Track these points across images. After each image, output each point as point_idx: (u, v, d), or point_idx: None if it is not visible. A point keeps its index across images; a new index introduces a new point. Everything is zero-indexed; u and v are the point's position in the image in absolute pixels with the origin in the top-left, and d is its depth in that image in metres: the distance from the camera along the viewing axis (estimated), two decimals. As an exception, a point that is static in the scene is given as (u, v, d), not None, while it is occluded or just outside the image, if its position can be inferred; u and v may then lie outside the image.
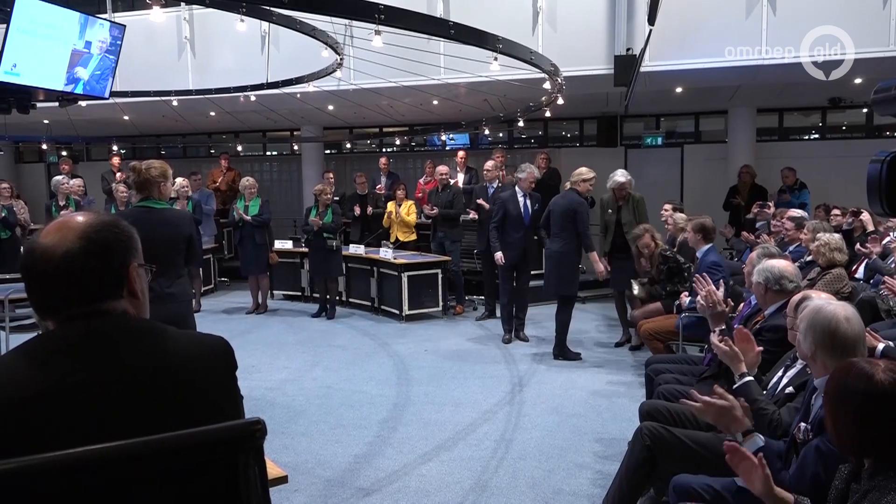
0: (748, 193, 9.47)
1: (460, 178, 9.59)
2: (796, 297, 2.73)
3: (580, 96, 8.71)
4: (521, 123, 9.04)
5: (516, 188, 6.85)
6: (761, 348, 2.87)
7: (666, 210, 7.15)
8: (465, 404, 5.14)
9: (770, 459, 2.06)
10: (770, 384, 2.87)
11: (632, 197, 6.86)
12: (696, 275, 4.07)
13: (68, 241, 1.23)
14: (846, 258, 5.06)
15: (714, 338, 3.00)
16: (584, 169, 6.55)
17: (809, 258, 5.32)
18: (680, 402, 2.35)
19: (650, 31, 6.50)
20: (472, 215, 8.22)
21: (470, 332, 7.47)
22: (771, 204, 8.09)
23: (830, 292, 3.58)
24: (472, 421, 4.80)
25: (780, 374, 2.85)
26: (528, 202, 6.82)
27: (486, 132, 10.90)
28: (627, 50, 7.42)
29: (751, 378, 2.71)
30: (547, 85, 6.81)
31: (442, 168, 8.68)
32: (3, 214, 7.69)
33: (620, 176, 6.88)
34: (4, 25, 5.10)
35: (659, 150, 11.56)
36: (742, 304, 4.24)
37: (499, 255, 6.74)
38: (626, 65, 7.24)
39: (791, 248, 5.94)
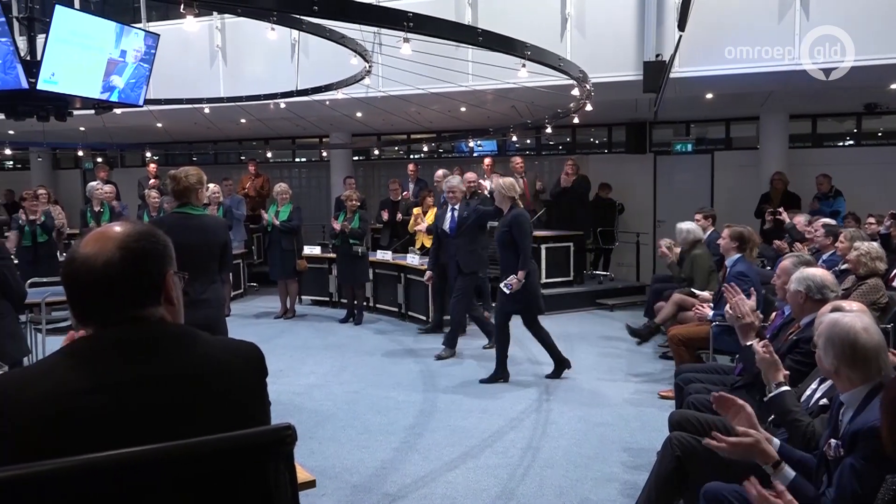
0: (780, 201, 9.32)
1: (487, 185, 9.58)
2: (825, 308, 2.68)
3: (609, 102, 8.66)
4: (548, 130, 9.02)
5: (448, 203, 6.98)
6: (787, 373, 2.82)
7: (698, 219, 7.02)
8: (491, 411, 5.12)
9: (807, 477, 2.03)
10: (804, 396, 2.81)
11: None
12: (725, 284, 4.02)
13: (108, 251, 1.26)
14: (885, 267, 4.95)
15: (757, 345, 2.94)
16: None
17: (844, 266, 5.21)
18: (704, 443, 2.33)
19: (680, 36, 6.45)
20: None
21: (497, 339, 7.44)
22: (781, 210, 7.91)
23: (865, 303, 3.50)
24: (499, 428, 4.78)
25: (814, 385, 2.80)
26: (456, 213, 6.87)
27: (514, 139, 10.89)
28: (657, 56, 7.37)
29: (786, 388, 2.67)
30: (575, 91, 6.79)
31: (469, 175, 8.67)
32: (42, 219, 7.86)
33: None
34: (44, 36, 5.23)
35: (689, 157, 11.46)
36: (774, 315, 4.17)
37: (427, 274, 7.07)
38: (656, 71, 7.19)
39: (825, 257, 5.83)
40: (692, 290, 6.18)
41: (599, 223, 10.38)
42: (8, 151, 12.57)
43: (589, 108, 7.34)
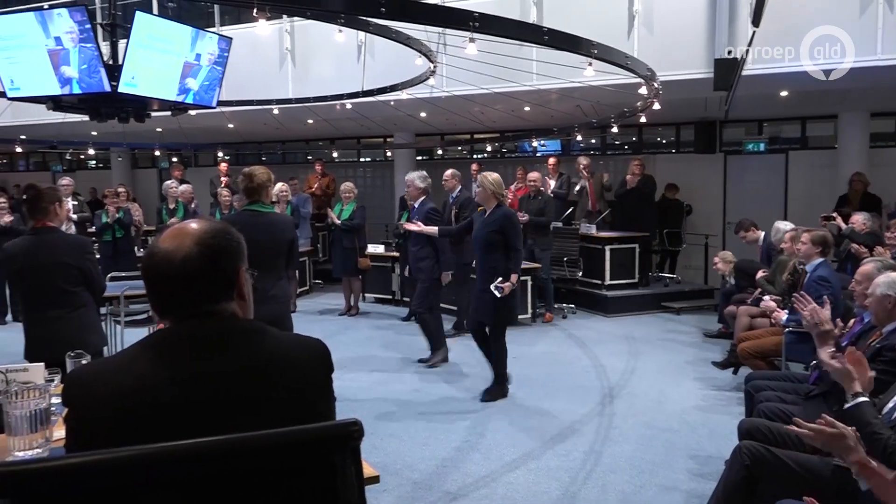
0: (860, 203, 8.89)
1: (551, 185, 9.51)
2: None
3: (677, 101, 8.45)
4: (614, 129, 8.87)
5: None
6: (874, 373, 2.68)
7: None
8: (553, 413, 5.08)
9: None
10: (886, 408, 2.68)
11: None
12: (796, 294, 3.86)
13: (185, 247, 1.31)
14: None
15: (824, 354, 2.82)
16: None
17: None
18: (786, 428, 2.24)
19: (753, 32, 6.23)
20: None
21: (559, 341, 7.39)
22: (835, 214, 7.41)
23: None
24: (561, 431, 4.73)
25: (896, 397, 2.66)
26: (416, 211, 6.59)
27: (579, 138, 10.76)
28: (728, 52, 7.14)
29: (865, 399, 2.54)
30: (643, 90, 6.65)
31: (533, 174, 8.63)
32: (120, 216, 8.22)
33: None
34: (125, 41, 5.45)
35: (761, 157, 11.08)
36: (853, 321, 3.98)
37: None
38: (728, 68, 6.97)
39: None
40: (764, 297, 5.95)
41: (666, 224, 10.15)
42: (91, 151, 13.24)
43: (656, 106, 7.17)
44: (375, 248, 9.32)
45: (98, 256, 6.29)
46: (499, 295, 5.14)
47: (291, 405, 1.31)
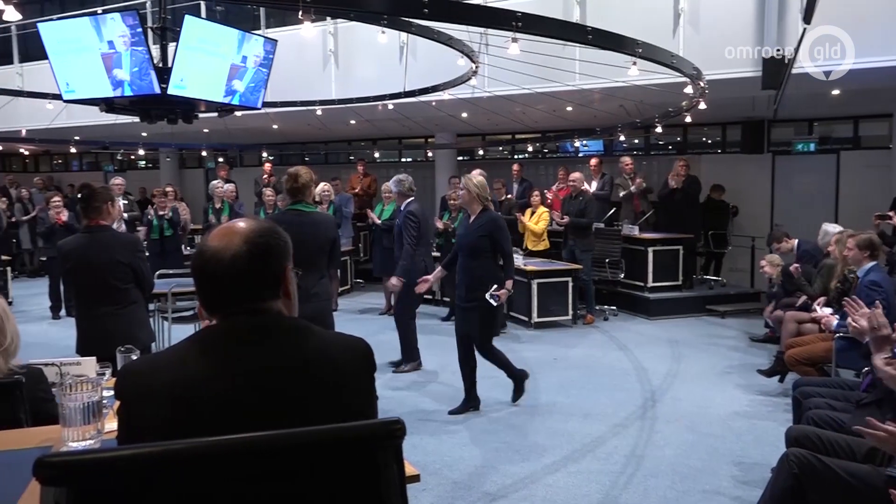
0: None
1: (593, 185, 9.42)
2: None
3: (723, 100, 8.29)
4: (658, 129, 8.74)
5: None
6: None
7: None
8: (594, 416, 5.03)
9: None
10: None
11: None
12: (846, 298, 3.74)
13: (235, 246, 1.33)
14: None
15: (880, 360, 2.73)
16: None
17: None
18: (854, 429, 2.17)
19: (804, 29, 6.07)
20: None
21: (600, 343, 7.31)
22: (892, 214, 7.09)
23: None
24: (602, 434, 4.69)
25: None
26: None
27: (622, 138, 10.63)
28: (777, 50, 6.97)
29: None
30: (688, 89, 6.54)
31: (574, 175, 8.56)
32: (170, 215, 8.42)
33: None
34: (174, 44, 5.58)
35: (811, 157, 10.78)
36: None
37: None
38: (777, 67, 6.80)
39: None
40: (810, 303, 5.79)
41: (711, 226, 9.95)
42: (141, 152, 13.60)
43: (702, 106, 7.05)
44: (416, 248, 9.34)
45: (147, 254, 6.46)
46: (495, 304, 4.88)
47: (334, 403, 1.33)
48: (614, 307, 8.80)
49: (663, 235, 9.00)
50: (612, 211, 9.37)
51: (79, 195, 3.81)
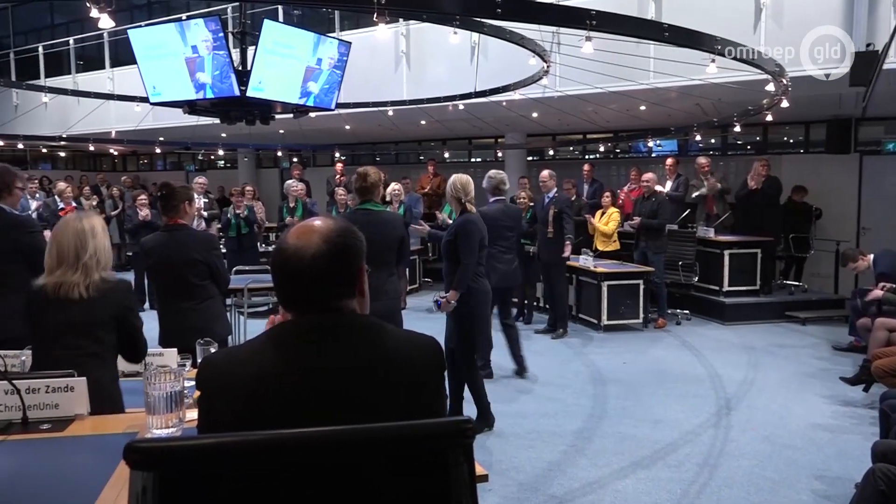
0: None
1: (667, 186, 9.19)
2: None
3: (807, 97, 7.94)
4: (737, 129, 8.45)
5: None
6: None
7: None
8: (665, 422, 4.91)
9: None
10: None
11: None
12: None
13: (315, 244, 1.36)
14: None
15: None
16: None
17: None
18: None
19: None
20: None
21: (672, 348, 7.13)
22: None
23: None
24: (673, 440, 4.57)
25: None
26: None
27: (697, 138, 10.33)
28: (868, 45, 6.62)
29: None
30: (770, 87, 6.29)
31: (647, 175, 8.38)
32: (246, 213, 8.69)
33: None
34: (254, 47, 5.77)
35: (903, 157, 10.21)
36: None
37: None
38: (867, 62, 6.46)
39: None
40: None
41: (792, 229, 9.53)
42: (220, 152, 14.13)
43: (785, 104, 6.77)
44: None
45: (224, 251, 6.69)
46: (435, 309, 4.61)
47: (406, 401, 1.34)
48: (687, 311, 8.57)
49: (740, 238, 8.71)
50: (687, 212, 9.11)
51: (159, 194, 3.97)
